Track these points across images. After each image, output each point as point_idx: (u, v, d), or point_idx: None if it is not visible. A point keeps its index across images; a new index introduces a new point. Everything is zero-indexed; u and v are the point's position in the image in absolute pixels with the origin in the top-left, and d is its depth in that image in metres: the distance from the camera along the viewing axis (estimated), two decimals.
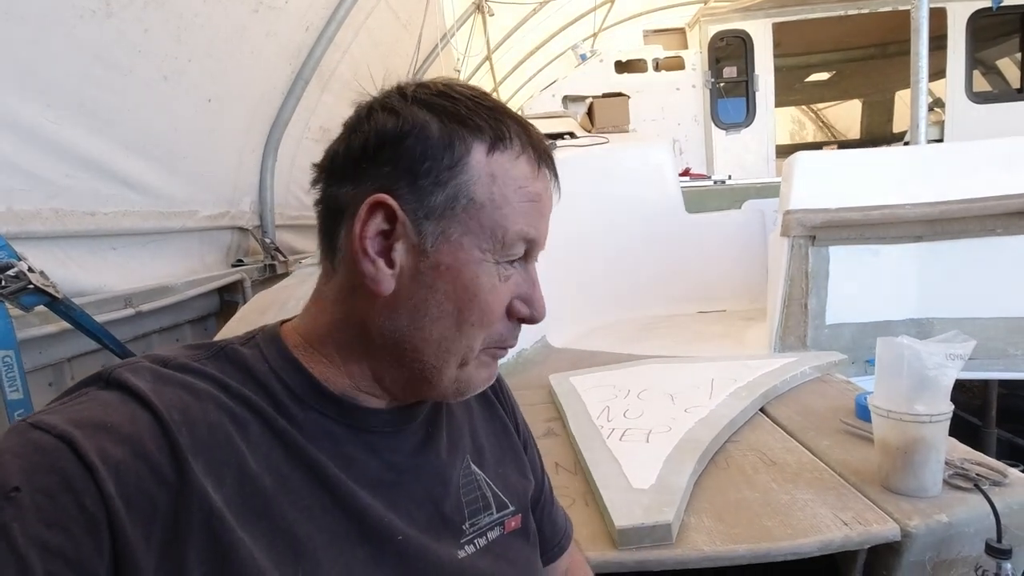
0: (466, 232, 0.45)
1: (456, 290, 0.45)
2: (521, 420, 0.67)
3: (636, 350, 2.00)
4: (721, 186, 3.56)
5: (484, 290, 0.46)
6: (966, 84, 4.63)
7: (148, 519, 0.35)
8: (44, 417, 0.36)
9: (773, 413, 1.32)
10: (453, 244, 0.45)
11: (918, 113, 2.15)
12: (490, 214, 0.46)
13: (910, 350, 0.85)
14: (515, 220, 0.47)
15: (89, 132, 1.66)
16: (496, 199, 0.46)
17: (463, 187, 0.45)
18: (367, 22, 3.07)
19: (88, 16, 1.50)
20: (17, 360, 1.29)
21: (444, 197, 0.45)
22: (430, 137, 0.45)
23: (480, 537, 0.53)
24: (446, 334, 0.46)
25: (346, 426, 0.47)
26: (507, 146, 0.47)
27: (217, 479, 0.39)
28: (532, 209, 0.48)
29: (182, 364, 0.43)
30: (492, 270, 0.46)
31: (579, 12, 5.75)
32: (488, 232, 0.46)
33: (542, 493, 0.65)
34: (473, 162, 0.45)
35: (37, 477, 0.33)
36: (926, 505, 0.88)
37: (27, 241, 1.48)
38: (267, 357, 0.46)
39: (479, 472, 0.56)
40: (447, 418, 0.56)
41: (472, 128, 0.46)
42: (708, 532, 0.87)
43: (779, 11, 4.67)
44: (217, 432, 0.40)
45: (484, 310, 0.46)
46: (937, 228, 1.68)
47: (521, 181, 0.47)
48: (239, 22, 2.11)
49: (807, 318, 1.73)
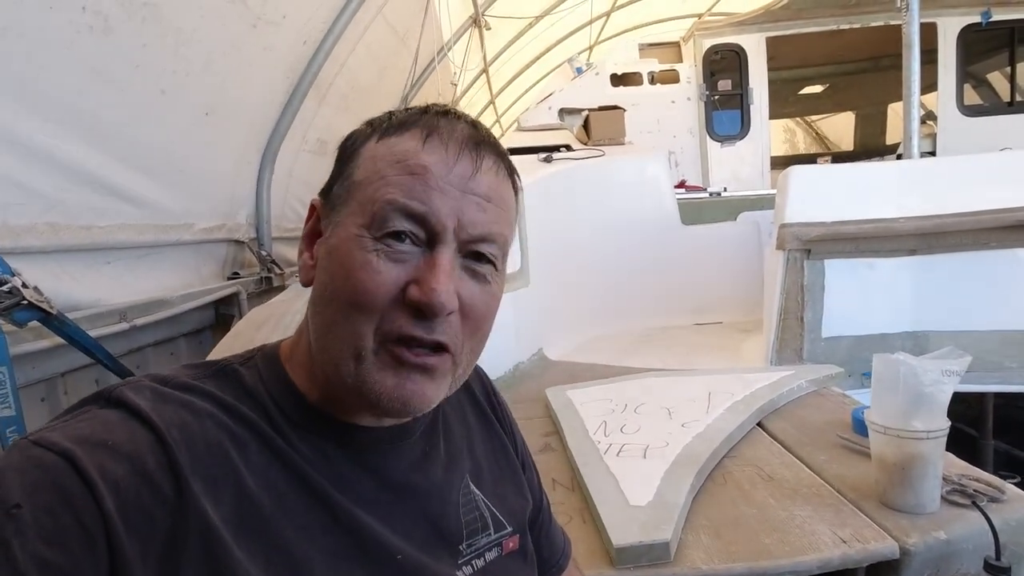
0: (349, 213, 0.45)
1: (334, 268, 0.44)
2: (520, 439, 0.67)
3: (633, 362, 2.00)
4: (716, 198, 3.58)
5: (356, 267, 0.43)
6: (957, 97, 4.68)
7: (146, 536, 0.36)
8: (46, 435, 0.37)
9: (770, 427, 1.32)
10: (339, 226, 0.45)
11: (910, 126, 2.17)
12: (364, 190, 0.45)
13: (906, 366, 0.85)
14: (386, 191, 0.44)
15: (86, 146, 1.67)
16: (371, 176, 0.45)
17: (350, 173, 0.47)
18: (365, 36, 3.09)
19: (86, 31, 1.51)
20: (10, 376, 1.28)
21: (339, 187, 0.47)
22: (345, 141, 0.50)
23: (478, 558, 0.52)
24: (334, 319, 0.44)
25: (341, 446, 0.47)
26: (397, 130, 0.46)
27: (215, 497, 0.39)
28: (413, 181, 0.44)
29: (182, 383, 0.43)
30: (367, 245, 0.43)
31: (575, 26, 5.81)
32: (364, 208, 0.44)
33: (540, 513, 0.65)
34: (363, 150, 0.47)
35: (38, 494, 0.34)
36: (924, 522, 0.88)
37: (22, 256, 1.48)
38: (264, 378, 0.47)
39: (477, 492, 0.55)
40: (445, 435, 0.56)
41: (377, 124, 0.48)
42: (706, 550, 0.87)
43: (773, 25, 4.72)
44: (216, 450, 0.40)
45: (357, 289, 0.42)
46: (932, 241, 1.70)
47: (400, 155, 0.45)
48: (237, 36, 2.13)
49: (803, 331, 1.73)
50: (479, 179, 0.45)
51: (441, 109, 0.48)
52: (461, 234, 0.44)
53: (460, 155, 0.45)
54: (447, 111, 0.48)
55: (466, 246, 0.45)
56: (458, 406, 0.60)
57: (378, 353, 0.43)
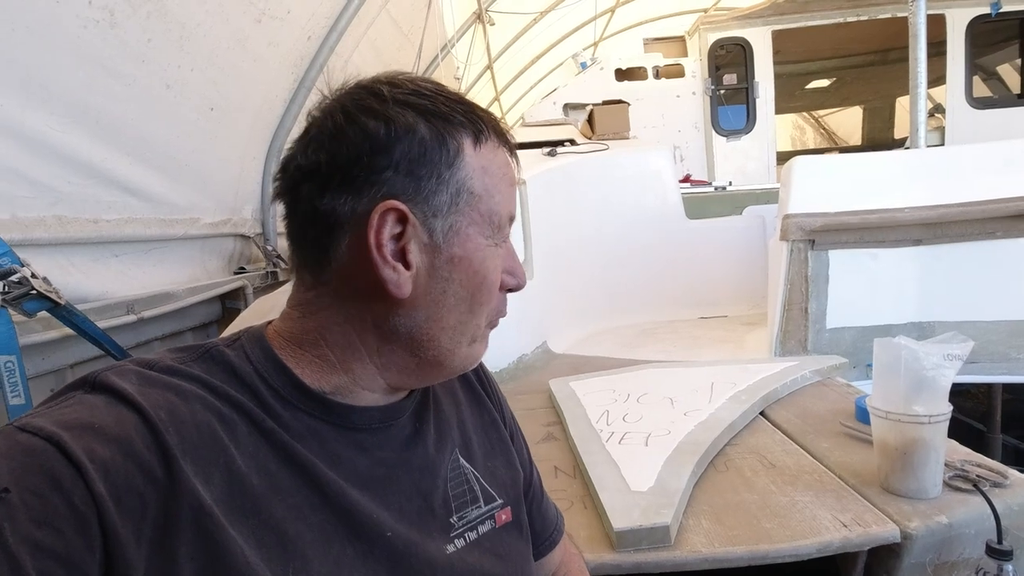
0: (471, 223, 0.49)
1: (469, 277, 0.49)
2: (508, 411, 0.67)
3: (636, 355, 2.00)
4: (722, 192, 3.57)
5: (492, 272, 0.51)
6: (966, 90, 4.64)
7: (138, 517, 0.36)
8: (31, 420, 0.37)
9: (773, 416, 1.32)
10: (462, 236, 0.48)
11: (917, 119, 2.15)
12: (487, 203, 0.50)
13: (907, 351, 0.85)
14: (504, 204, 0.51)
15: (92, 140, 1.68)
16: (490, 189, 0.50)
17: (463, 182, 0.48)
18: (368, 32, 3.10)
19: (92, 25, 1.52)
20: (19, 365, 1.29)
21: (448, 194, 0.47)
22: (423, 138, 0.46)
23: (471, 531, 0.53)
24: (462, 319, 0.50)
25: (332, 425, 0.47)
26: (487, 138, 0.50)
27: (206, 478, 0.39)
28: (512, 192, 0.53)
29: (168, 366, 0.43)
30: (495, 253, 0.51)
31: (580, 22, 5.80)
32: (487, 219, 0.50)
33: (531, 486, 0.65)
34: (466, 157, 0.48)
35: (26, 478, 0.34)
36: (926, 507, 0.87)
37: (30, 248, 1.49)
38: (251, 358, 0.47)
39: (467, 465, 0.56)
40: (435, 412, 0.57)
41: (456, 124, 0.48)
42: (706, 534, 0.87)
43: (778, 19, 4.70)
44: (204, 431, 0.40)
45: (491, 290, 0.51)
46: (937, 231, 1.68)
47: (504, 169, 0.52)
48: (241, 31, 2.13)
49: (807, 322, 1.73)
50: None
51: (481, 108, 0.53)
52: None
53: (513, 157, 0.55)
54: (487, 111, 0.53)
55: None
56: (447, 381, 0.60)
57: (483, 331, 0.53)
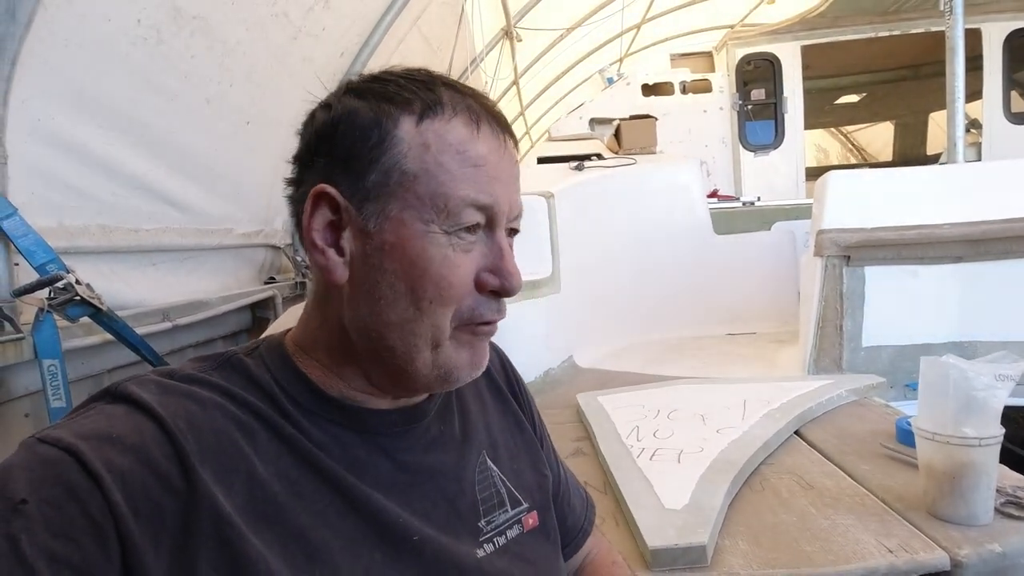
0: (405, 206, 0.44)
1: (404, 267, 0.44)
2: (537, 414, 0.66)
3: (664, 371, 1.98)
4: (750, 207, 3.52)
5: (435, 263, 0.44)
6: (1004, 105, 4.53)
7: (156, 526, 0.36)
8: (51, 432, 0.37)
9: (809, 436, 1.28)
10: (394, 221, 0.44)
11: (955, 134, 2.11)
12: (426, 184, 0.44)
13: (956, 370, 0.82)
14: (456, 186, 0.44)
15: (136, 152, 1.74)
16: (431, 168, 0.44)
17: (394, 161, 0.44)
18: (399, 48, 3.16)
19: (140, 43, 1.59)
20: (62, 369, 1.33)
21: (377, 175, 0.44)
22: (358, 120, 0.45)
23: (499, 536, 0.52)
24: (405, 315, 0.45)
25: (353, 430, 0.47)
26: (438, 112, 0.45)
27: (226, 486, 0.39)
28: (478, 174, 0.45)
29: (187, 375, 0.43)
30: (442, 240, 0.44)
31: (606, 38, 5.82)
32: (428, 202, 0.44)
33: (560, 485, 0.64)
34: (402, 134, 0.44)
35: (43, 489, 0.34)
36: (977, 534, 0.84)
37: (75, 255, 1.54)
38: (269, 366, 0.47)
39: (494, 468, 0.55)
40: (460, 413, 0.56)
41: (400, 103, 0.45)
42: (744, 555, 0.85)
43: (808, 34, 4.66)
44: (224, 439, 0.40)
45: (439, 284, 0.44)
46: (979, 248, 1.64)
47: (459, 146, 0.45)
48: (278, 48, 2.20)
49: (842, 340, 1.68)
50: (511, 160, 0.49)
51: (451, 82, 0.48)
52: (509, 215, 0.48)
53: (504, 141, 0.48)
54: (459, 86, 0.48)
55: (508, 224, 0.49)
56: (473, 383, 0.59)
57: (453, 336, 0.46)
